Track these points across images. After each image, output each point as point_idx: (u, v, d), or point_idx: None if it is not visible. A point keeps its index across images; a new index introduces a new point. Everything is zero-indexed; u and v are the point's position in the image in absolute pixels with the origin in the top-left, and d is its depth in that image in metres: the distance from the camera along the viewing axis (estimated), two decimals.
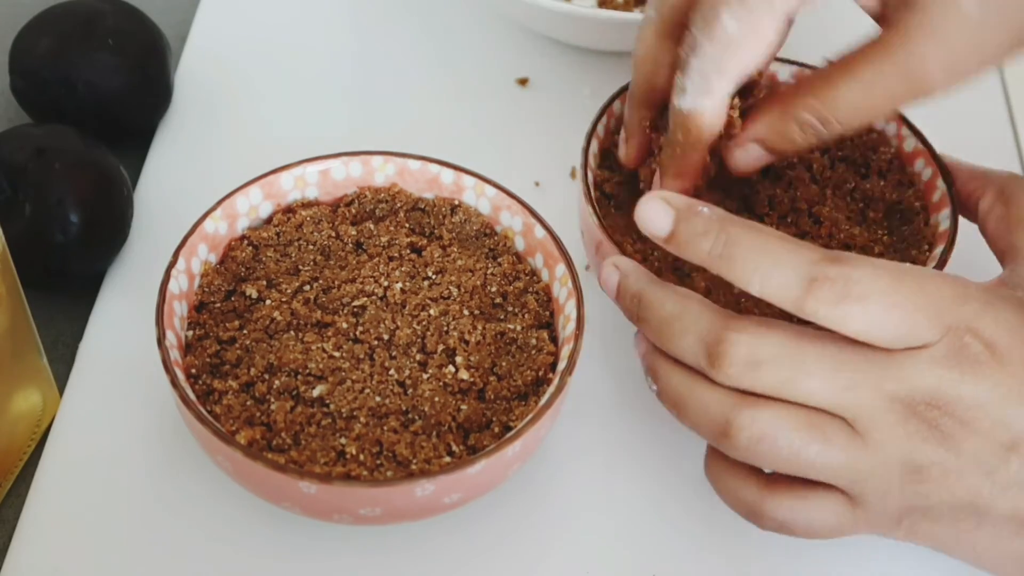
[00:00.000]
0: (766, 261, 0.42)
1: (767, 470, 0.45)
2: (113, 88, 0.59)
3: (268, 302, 0.49)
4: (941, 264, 0.50)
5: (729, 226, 0.43)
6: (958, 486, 0.42)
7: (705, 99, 0.47)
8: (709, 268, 0.44)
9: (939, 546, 0.45)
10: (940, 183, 0.53)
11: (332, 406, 0.46)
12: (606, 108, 0.54)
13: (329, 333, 0.48)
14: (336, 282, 0.50)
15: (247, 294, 0.50)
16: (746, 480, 0.46)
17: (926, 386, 0.42)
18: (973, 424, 0.42)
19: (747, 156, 0.49)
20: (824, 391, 0.42)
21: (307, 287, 0.50)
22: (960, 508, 0.43)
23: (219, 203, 0.51)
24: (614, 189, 0.54)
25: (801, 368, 0.42)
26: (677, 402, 0.46)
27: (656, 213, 0.45)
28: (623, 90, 0.55)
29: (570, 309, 0.48)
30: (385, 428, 0.45)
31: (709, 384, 0.44)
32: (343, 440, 0.45)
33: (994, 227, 0.51)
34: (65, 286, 0.56)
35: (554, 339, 0.49)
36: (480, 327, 0.49)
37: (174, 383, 0.45)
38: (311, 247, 0.51)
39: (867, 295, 0.41)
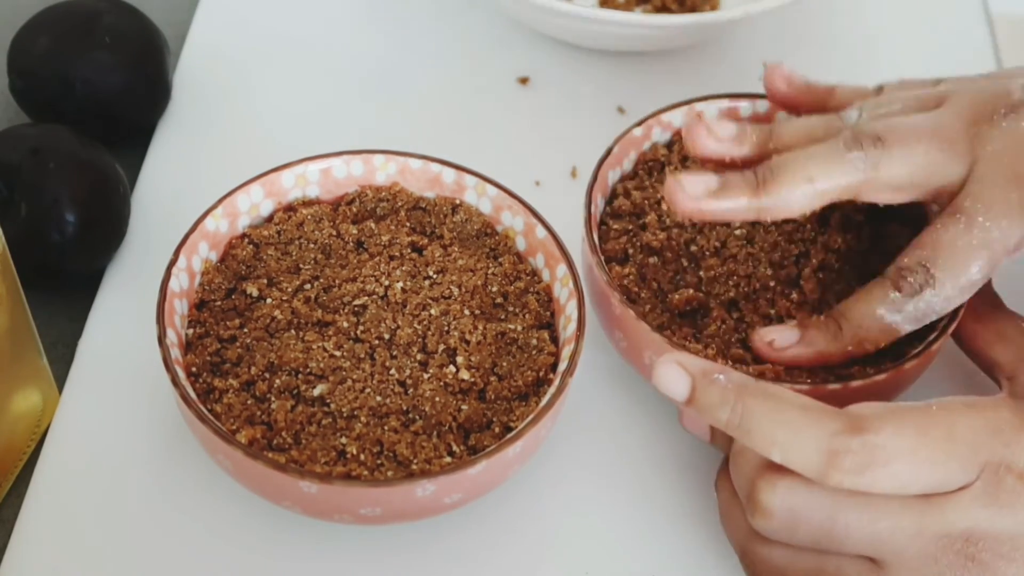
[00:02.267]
0: (785, 434, 0.41)
1: None
2: (112, 87, 0.59)
3: (269, 300, 0.49)
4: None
5: (745, 396, 0.42)
6: None
7: (911, 326, 0.48)
8: (729, 434, 0.43)
9: None
10: None
11: (333, 405, 0.46)
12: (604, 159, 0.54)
13: (330, 332, 0.48)
14: (337, 281, 0.50)
15: (248, 292, 0.49)
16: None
17: (967, 526, 0.41)
18: (1012, 554, 0.41)
19: None
20: (859, 544, 0.42)
21: (308, 286, 0.50)
22: None
23: (220, 201, 0.51)
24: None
25: (839, 524, 0.42)
26: (722, 515, 0.47)
27: (673, 378, 0.43)
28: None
29: (571, 310, 0.48)
30: (386, 428, 0.45)
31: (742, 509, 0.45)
32: (344, 440, 0.45)
33: (968, 342, 0.50)
34: (62, 285, 0.56)
35: (555, 339, 0.49)
36: (481, 327, 0.49)
37: (175, 382, 0.45)
38: (312, 246, 0.51)
39: (892, 459, 0.41)
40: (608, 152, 0.53)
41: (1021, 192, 0.47)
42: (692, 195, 0.48)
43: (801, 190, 0.48)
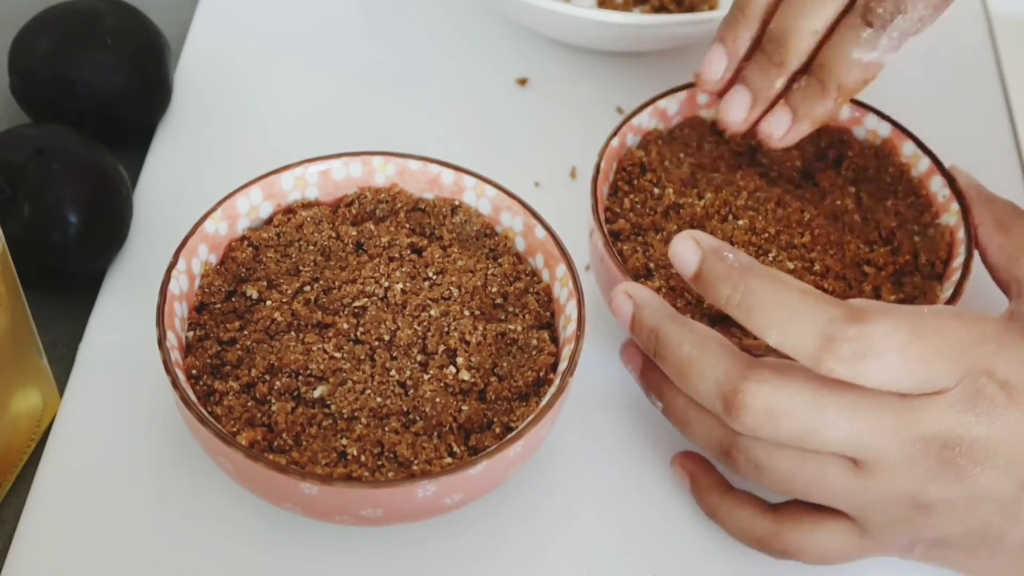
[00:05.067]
0: (783, 315, 0.42)
1: (768, 489, 0.46)
2: (112, 88, 0.59)
3: (269, 303, 0.49)
4: (958, 289, 0.50)
5: (750, 276, 0.43)
6: (968, 519, 0.43)
7: (891, 56, 0.48)
8: (729, 314, 0.44)
9: (955, 569, 0.45)
10: (955, 205, 0.53)
11: (333, 407, 0.46)
12: (620, 127, 0.55)
13: (330, 334, 0.48)
14: (337, 283, 0.50)
15: (247, 295, 0.50)
16: (753, 514, 0.46)
17: (943, 430, 0.42)
18: (987, 462, 0.42)
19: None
20: (840, 442, 0.42)
21: (307, 288, 0.50)
22: (971, 538, 0.43)
23: (219, 203, 0.51)
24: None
25: (819, 421, 0.42)
26: (682, 423, 0.47)
27: (686, 251, 0.45)
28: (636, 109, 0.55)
29: (571, 310, 0.48)
30: (386, 429, 0.45)
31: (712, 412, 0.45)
32: (344, 441, 0.45)
33: (994, 258, 0.51)
34: (64, 286, 0.56)
35: (555, 340, 0.49)
36: (481, 328, 0.49)
37: (175, 384, 0.45)
38: (311, 248, 0.51)
39: (886, 351, 0.41)
40: (597, 168, 0.53)
41: None
42: (738, 121, 0.51)
43: (807, 42, 0.49)
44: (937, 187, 0.55)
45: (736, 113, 0.52)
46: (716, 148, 0.56)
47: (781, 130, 0.51)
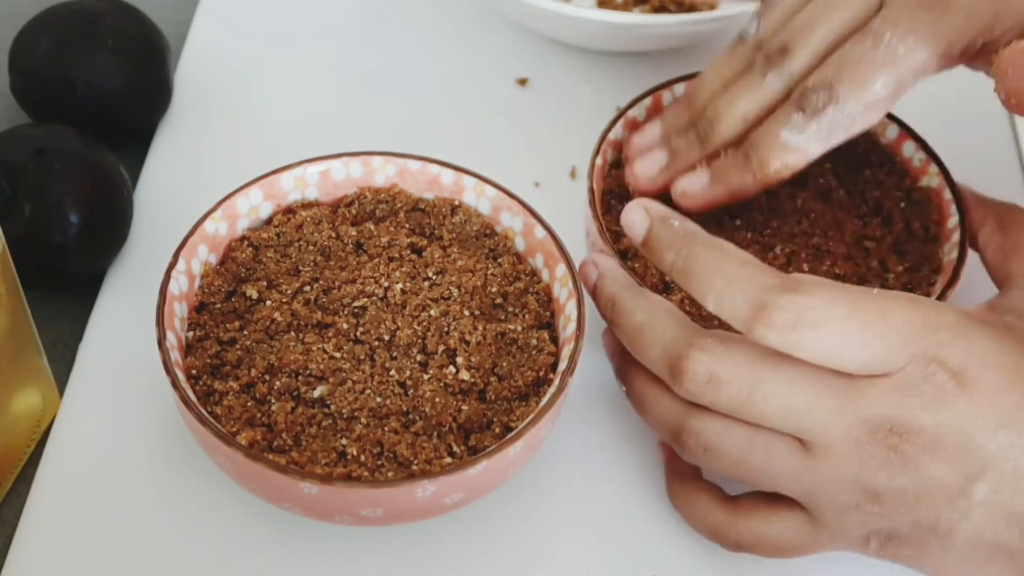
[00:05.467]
0: (721, 282, 0.43)
1: (719, 476, 0.46)
2: (113, 88, 0.59)
3: (268, 303, 0.49)
4: (963, 250, 0.51)
5: (693, 243, 0.44)
6: (917, 510, 0.42)
7: (818, 146, 0.49)
8: (671, 279, 0.45)
9: (910, 565, 0.44)
10: (933, 167, 0.54)
11: (333, 407, 0.46)
12: (622, 114, 0.55)
13: (330, 334, 0.48)
14: (336, 283, 0.50)
15: (247, 295, 0.50)
16: (710, 504, 0.47)
17: (886, 414, 0.42)
18: (935, 451, 0.41)
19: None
20: (778, 414, 0.43)
21: (307, 288, 0.50)
22: (921, 531, 0.43)
23: (219, 204, 0.51)
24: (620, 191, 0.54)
25: (757, 391, 0.43)
26: (640, 404, 0.48)
27: (636, 218, 0.47)
28: (636, 101, 0.56)
29: (571, 309, 0.48)
30: (386, 429, 0.45)
31: (667, 390, 0.46)
32: (344, 441, 0.45)
33: (992, 256, 0.51)
34: (65, 286, 0.56)
35: (555, 339, 0.49)
36: (481, 327, 0.49)
37: (175, 384, 0.45)
38: (311, 248, 0.51)
39: (821, 322, 0.41)
40: (591, 193, 0.53)
41: (931, 14, 0.47)
42: (648, 177, 0.52)
43: (737, 125, 0.51)
44: (910, 152, 0.56)
45: (648, 170, 0.53)
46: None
47: (696, 188, 0.52)
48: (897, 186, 0.55)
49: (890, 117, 0.56)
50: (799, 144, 0.49)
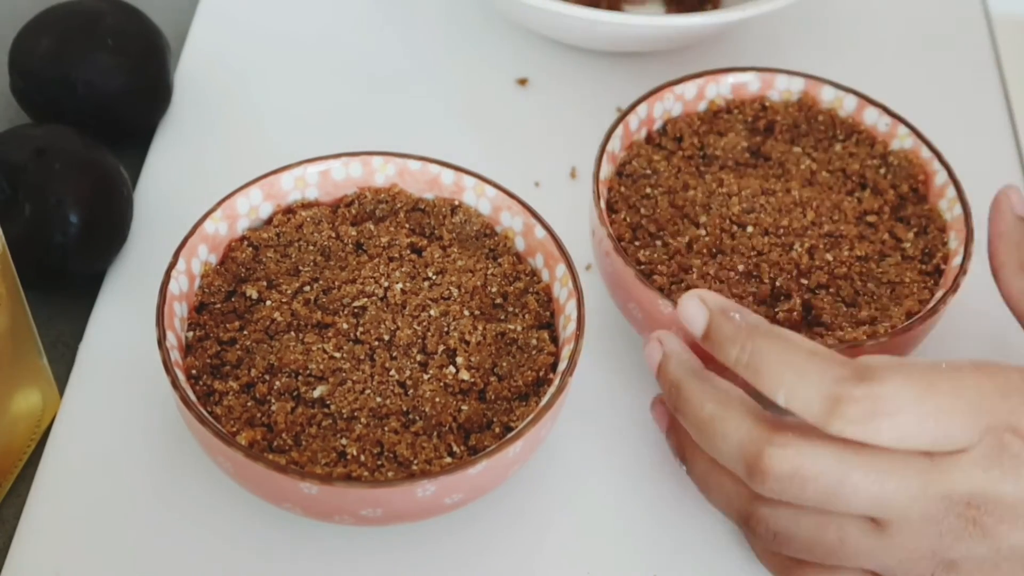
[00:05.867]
0: (791, 376, 0.41)
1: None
2: (113, 88, 0.59)
3: (268, 303, 0.49)
4: (964, 206, 0.51)
5: (757, 336, 0.43)
6: (994, 574, 0.42)
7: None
8: (738, 374, 0.43)
9: None
10: (901, 128, 0.56)
11: (333, 407, 0.46)
12: (626, 114, 0.55)
13: (329, 334, 0.48)
14: (336, 283, 0.50)
15: (247, 295, 0.50)
16: (772, 558, 0.46)
17: (967, 489, 0.41)
18: (1014, 520, 0.41)
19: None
20: (866, 504, 0.42)
21: (307, 288, 0.50)
22: None
23: (219, 204, 0.51)
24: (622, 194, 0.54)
25: (847, 485, 0.41)
26: (704, 486, 0.47)
27: (694, 311, 0.45)
28: (638, 102, 0.56)
29: (571, 309, 0.48)
30: (386, 429, 0.45)
31: (734, 476, 0.45)
32: (344, 441, 0.45)
33: (1017, 300, 0.50)
34: (65, 286, 0.56)
35: (555, 339, 0.49)
36: (480, 327, 0.49)
37: (175, 384, 0.45)
38: (311, 248, 0.51)
39: (897, 410, 0.40)
40: (597, 195, 0.52)
41: None
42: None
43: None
44: (873, 119, 0.56)
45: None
46: (667, 161, 0.56)
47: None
48: (870, 155, 0.56)
49: (844, 88, 0.57)
50: None
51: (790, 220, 0.53)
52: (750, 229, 0.53)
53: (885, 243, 0.53)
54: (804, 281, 0.51)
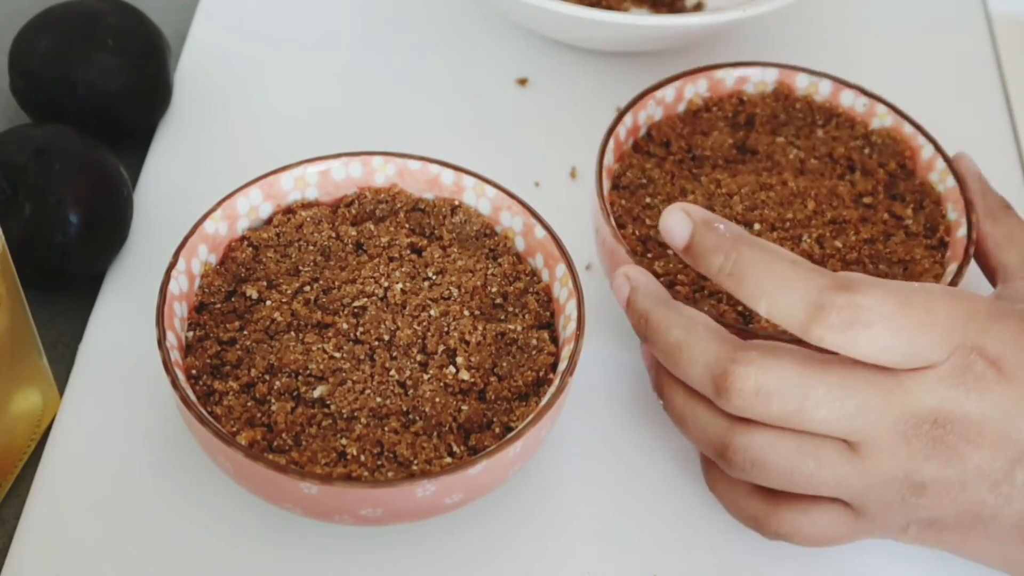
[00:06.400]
0: (773, 284, 0.42)
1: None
2: (113, 88, 0.59)
3: (268, 303, 0.49)
4: (959, 179, 0.52)
5: (741, 245, 0.43)
6: (962, 499, 0.43)
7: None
8: (719, 284, 0.44)
9: (947, 550, 0.45)
10: (880, 107, 0.56)
11: (333, 407, 0.46)
12: (630, 106, 0.56)
13: (329, 334, 0.48)
14: (336, 283, 0.50)
15: (247, 295, 0.50)
16: (750, 494, 0.46)
17: (931, 406, 0.42)
18: (978, 439, 0.42)
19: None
20: (829, 420, 0.43)
21: (307, 288, 0.50)
22: (965, 518, 0.43)
23: (219, 204, 0.51)
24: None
25: (809, 399, 0.42)
26: (680, 420, 0.47)
27: (676, 223, 0.45)
28: (636, 100, 0.56)
29: (571, 309, 0.48)
30: (386, 429, 0.45)
31: (709, 405, 0.45)
32: (344, 441, 0.45)
33: (980, 247, 0.52)
34: (65, 286, 0.56)
35: (555, 339, 0.49)
36: (481, 327, 0.49)
37: (175, 384, 0.45)
38: (311, 248, 0.51)
39: (874, 321, 0.41)
40: (606, 213, 0.52)
41: None
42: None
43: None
44: (850, 101, 0.57)
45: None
46: (659, 168, 0.57)
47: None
48: (852, 136, 0.56)
49: (817, 73, 0.58)
50: None
51: (793, 212, 0.53)
52: (757, 227, 0.53)
53: (887, 223, 0.53)
54: None
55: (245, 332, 0.48)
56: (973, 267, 0.52)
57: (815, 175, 0.55)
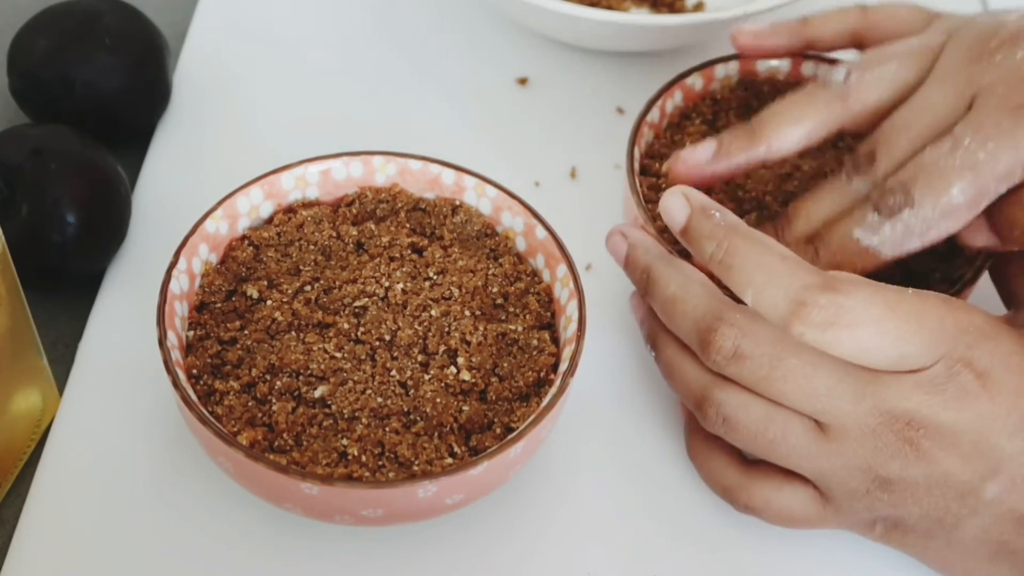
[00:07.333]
0: (761, 276, 0.43)
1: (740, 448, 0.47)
2: (112, 88, 0.59)
3: (269, 302, 0.49)
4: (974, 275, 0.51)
5: (734, 235, 0.44)
6: (926, 502, 0.43)
7: (890, 250, 0.47)
8: (711, 270, 0.45)
9: (913, 554, 0.46)
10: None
11: (334, 407, 0.46)
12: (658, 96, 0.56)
13: (330, 334, 0.48)
14: (337, 282, 0.50)
15: (248, 294, 0.49)
16: (727, 464, 0.48)
17: (907, 408, 0.42)
18: (951, 448, 0.42)
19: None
20: (795, 394, 0.44)
21: (308, 287, 0.50)
22: (927, 522, 0.44)
23: (220, 203, 0.51)
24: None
25: (778, 369, 0.44)
26: (667, 370, 0.48)
27: (676, 206, 0.47)
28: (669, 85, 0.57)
29: (571, 310, 0.48)
30: (387, 429, 0.45)
31: (695, 359, 0.47)
32: (345, 441, 0.45)
33: (998, 271, 0.51)
34: (64, 286, 0.56)
35: (555, 340, 0.49)
36: (481, 328, 0.49)
37: (175, 384, 0.45)
38: (312, 247, 0.51)
39: (858, 323, 0.42)
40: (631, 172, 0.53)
41: (1013, 119, 0.46)
42: (695, 164, 0.51)
43: (815, 226, 0.49)
44: (810, 71, 0.58)
45: (697, 158, 0.52)
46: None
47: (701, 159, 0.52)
48: None
49: (780, 57, 0.58)
50: (872, 245, 0.48)
51: (793, 190, 0.54)
52: (753, 215, 0.53)
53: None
54: None
55: (246, 332, 0.48)
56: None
57: (809, 160, 0.55)
